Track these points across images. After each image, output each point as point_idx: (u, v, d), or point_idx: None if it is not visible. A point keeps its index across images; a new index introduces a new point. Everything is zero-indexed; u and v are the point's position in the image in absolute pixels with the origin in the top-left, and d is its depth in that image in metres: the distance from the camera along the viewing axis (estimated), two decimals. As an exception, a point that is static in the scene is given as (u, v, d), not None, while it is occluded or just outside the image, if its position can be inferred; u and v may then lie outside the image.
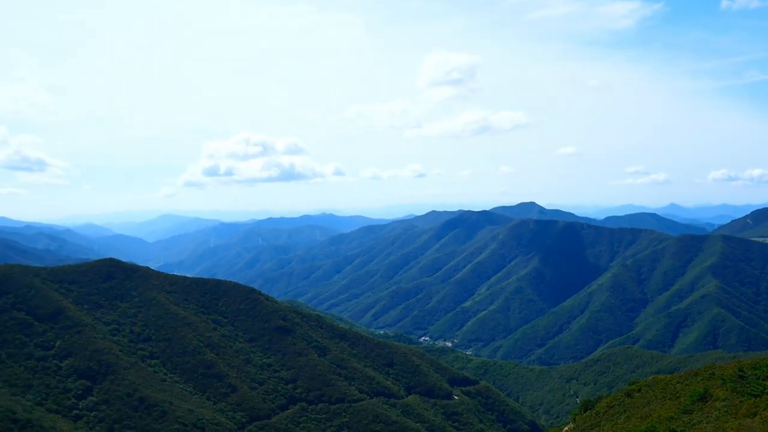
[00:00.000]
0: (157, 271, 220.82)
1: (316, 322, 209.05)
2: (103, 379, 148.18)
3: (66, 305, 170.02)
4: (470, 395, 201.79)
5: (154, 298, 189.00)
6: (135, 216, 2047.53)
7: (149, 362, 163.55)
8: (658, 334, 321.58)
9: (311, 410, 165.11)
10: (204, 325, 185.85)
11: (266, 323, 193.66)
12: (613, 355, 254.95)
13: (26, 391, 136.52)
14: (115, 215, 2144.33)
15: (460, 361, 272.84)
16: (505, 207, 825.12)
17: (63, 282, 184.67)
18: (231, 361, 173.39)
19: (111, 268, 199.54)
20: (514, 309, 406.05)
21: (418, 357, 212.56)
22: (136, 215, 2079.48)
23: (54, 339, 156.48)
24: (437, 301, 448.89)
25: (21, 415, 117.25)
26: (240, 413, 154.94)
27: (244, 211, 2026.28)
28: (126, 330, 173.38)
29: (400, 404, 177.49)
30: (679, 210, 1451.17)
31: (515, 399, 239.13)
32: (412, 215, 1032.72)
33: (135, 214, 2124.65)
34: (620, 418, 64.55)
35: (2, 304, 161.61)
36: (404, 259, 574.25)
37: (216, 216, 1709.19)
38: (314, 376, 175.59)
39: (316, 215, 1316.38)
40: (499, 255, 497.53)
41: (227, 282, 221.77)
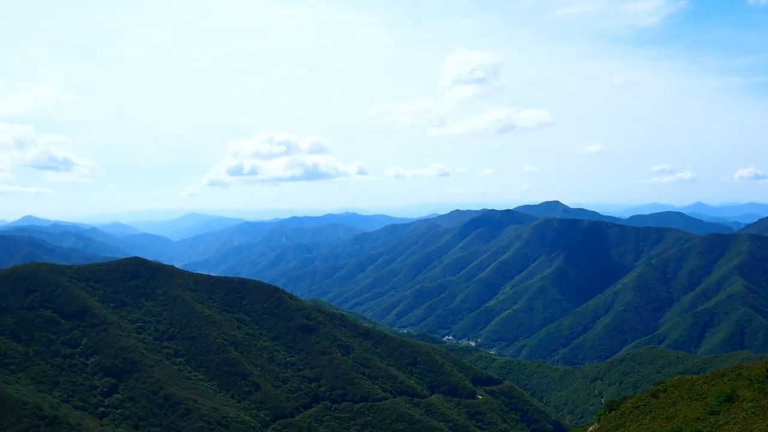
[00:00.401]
0: (182, 270, 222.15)
1: (339, 321, 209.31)
2: (129, 376, 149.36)
3: (92, 303, 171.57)
4: (494, 395, 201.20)
5: (179, 296, 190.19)
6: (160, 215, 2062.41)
7: (174, 360, 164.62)
8: (684, 334, 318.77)
9: (335, 409, 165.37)
10: (228, 323, 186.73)
11: (290, 322, 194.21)
12: (638, 355, 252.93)
13: (53, 388, 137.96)
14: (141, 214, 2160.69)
15: (483, 361, 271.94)
16: (528, 206, 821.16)
17: (89, 280, 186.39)
18: (255, 359, 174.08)
19: (136, 266, 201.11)
20: (538, 308, 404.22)
21: (441, 356, 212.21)
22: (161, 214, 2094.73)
23: (80, 337, 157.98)
24: (461, 300, 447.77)
25: (48, 412, 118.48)
26: (264, 411, 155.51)
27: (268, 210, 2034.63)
28: (151, 328, 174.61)
29: (424, 403, 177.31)
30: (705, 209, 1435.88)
31: (539, 399, 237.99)
32: (435, 214, 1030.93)
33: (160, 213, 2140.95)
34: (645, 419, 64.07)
35: (30, 302, 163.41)
36: (428, 258, 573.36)
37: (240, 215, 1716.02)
38: (338, 374, 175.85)
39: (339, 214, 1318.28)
40: (523, 254, 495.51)
41: (251, 281, 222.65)
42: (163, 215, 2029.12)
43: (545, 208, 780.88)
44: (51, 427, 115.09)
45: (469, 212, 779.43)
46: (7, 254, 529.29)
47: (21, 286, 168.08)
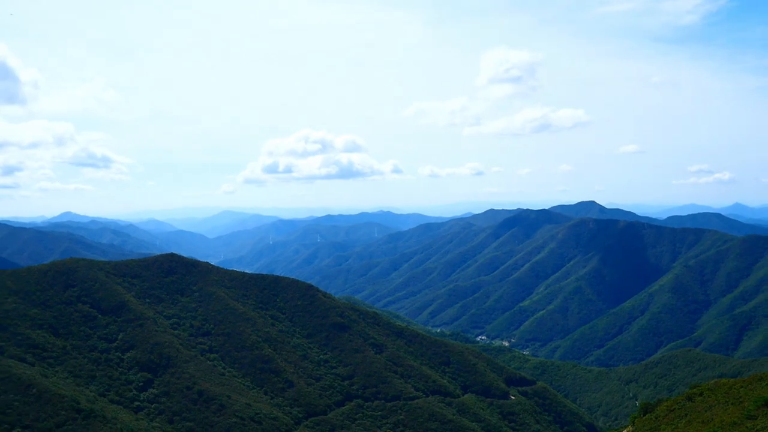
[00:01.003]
0: (217, 267, 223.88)
1: (372, 320, 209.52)
2: (164, 371, 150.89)
3: (129, 299, 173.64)
4: (527, 395, 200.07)
5: (214, 293, 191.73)
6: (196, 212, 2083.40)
7: (208, 356, 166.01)
8: (722, 337, 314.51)
9: (367, 407, 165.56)
10: (262, 320, 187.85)
11: (323, 320, 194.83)
12: (674, 358, 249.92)
13: (90, 382, 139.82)
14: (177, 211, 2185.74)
15: (517, 361, 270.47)
16: (564, 206, 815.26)
17: (126, 276, 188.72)
18: (288, 356, 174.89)
19: (172, 263, 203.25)
20: (572, 309, 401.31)
21: (474, 356, 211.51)
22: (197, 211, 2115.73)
23: (117, 332, 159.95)
24: (495, 300, 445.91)
25: (84, 405, 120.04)
26: (296, 408, 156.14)
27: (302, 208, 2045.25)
28: (186, 324, 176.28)
29: (456, 403, 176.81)
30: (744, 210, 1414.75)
31: (573, 400, 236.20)
32: (470, 213, 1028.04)
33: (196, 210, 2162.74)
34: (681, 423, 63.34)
35: (68, 296, 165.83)
36: (462, 258, 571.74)
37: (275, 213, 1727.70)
38: (370, 373, 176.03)
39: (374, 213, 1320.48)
40: (558, 254, 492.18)
41: (285, 278, 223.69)
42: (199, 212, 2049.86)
43: (581, 208, 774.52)
44: (87, 420, 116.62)
45: (504, 212, 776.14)
46: (47, 250, 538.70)
47: (60, 281, 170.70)
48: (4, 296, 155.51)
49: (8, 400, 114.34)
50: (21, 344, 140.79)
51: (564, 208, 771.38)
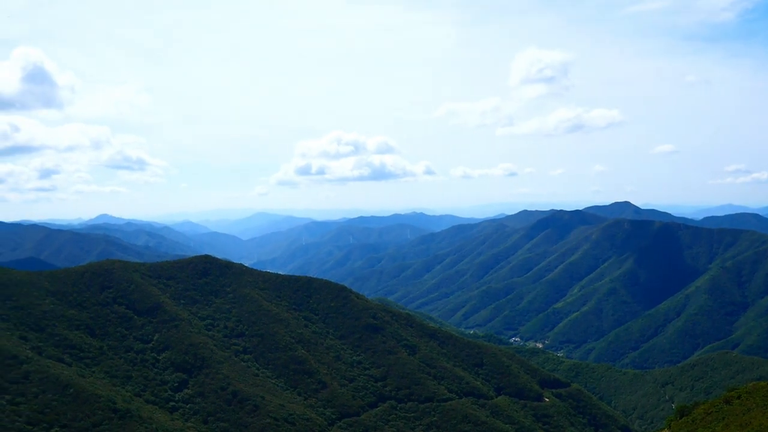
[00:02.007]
0: (251, 268, 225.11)
1: (405, 321, 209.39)
2: (199, 372, 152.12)
3: (164, 300, 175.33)
4: (561, 398, 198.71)
5: (248, 294, 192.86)
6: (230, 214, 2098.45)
7: (242, 357, 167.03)
8: (760, 339, 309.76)
9: (400, 408, 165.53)
10: (296, 321, 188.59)
11: (356, 321, 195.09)
12: (710, 360, 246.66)
13: (126, 382, 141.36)
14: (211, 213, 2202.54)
15: (550, 363, 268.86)
16: (598, 206, 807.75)
17: (161, 277, 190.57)
18: (321, 357, 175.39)
19: (206, 264, 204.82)
20: (607, 311, 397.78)
21: (508, 357, 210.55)
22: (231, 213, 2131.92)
23: (152, 333, 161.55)
24: (528, 301, 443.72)
25: (121, 405, 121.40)
26: (330, 410, 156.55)
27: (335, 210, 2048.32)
28: (220, 325, 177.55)
29: (490, 405, 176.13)
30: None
31: (608, 403, 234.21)
32: (503, 214, 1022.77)
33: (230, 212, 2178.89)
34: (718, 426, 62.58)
35: (104, 298, 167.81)
36: (495, 259, 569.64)
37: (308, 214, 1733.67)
38: (403, 374, 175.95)
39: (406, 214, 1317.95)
40: (592, 255, 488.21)
41: (318, 279, 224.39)
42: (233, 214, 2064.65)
43: (615, 209, 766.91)
44: (123, 420, 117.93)
45: (537, 213, 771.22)
46: (84, 251, 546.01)
47: (96, 283, 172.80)
48: (42, 297, 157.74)
49: (47, 399, 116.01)
50: (59, 345, 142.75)
51: (598, 209, 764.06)
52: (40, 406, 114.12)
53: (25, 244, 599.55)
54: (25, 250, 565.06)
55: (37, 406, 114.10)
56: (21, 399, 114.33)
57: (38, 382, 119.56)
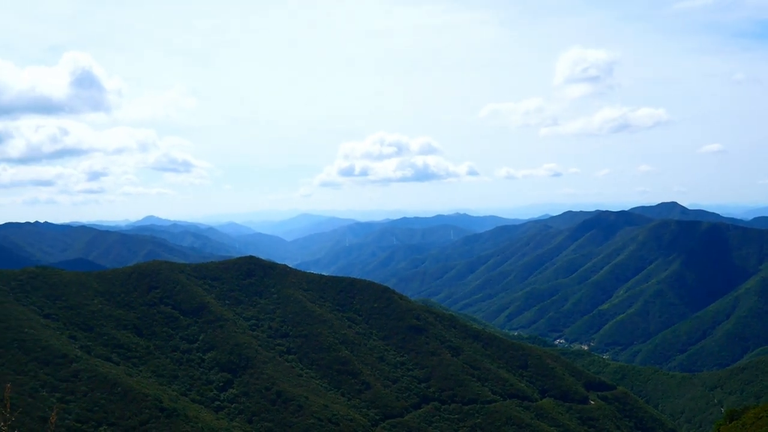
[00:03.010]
0: (295, 269, 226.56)
1: (449, 322, 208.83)
2: (243, 372, 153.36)
3: (209, 300, 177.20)
4: (607, 400, 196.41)
5: (292, 295, 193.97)
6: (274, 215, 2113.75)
7: (286, 357, 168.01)
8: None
9: (444, 410, 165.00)
10: (339, 322, 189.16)
11: (400, 322, 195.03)
12: (761, 364, 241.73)
13: (172, 381, 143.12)
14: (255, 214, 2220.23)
15: (596, 365, 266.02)
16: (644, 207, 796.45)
17: (206, 278, 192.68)
18: (365, 358, 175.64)
19: (251, 265, 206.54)
20: (653, 313, 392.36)
21: (552, 360, 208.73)
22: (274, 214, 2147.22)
23: (198, 333, 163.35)
24: (573, 303, 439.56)
25: (167, 404, 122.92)
26: (373, 410, 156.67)
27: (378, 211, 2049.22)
28: (265, 325, 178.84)
29: (534, 407, 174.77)
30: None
31: (654, 406, 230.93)
32: (547, 215, 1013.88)
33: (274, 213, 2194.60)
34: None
35: (151, 298, 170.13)
36: (539, 260, 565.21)
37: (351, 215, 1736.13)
38: (447, 375, 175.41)
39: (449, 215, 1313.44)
40: (638, 257, 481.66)
41: (362, 280, 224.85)
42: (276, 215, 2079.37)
43: (662, 210, 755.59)
44: (170, 419, 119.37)
45: (582, 213, 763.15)
46: (131, 252, 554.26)
47: (143, 283, 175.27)
48: (91, 297, 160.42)
49: (95, 398, 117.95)
50: (107, 344, 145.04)
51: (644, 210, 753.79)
52: (89, 405, 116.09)
53: (74, 245, 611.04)
54: (75, 251, 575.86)
55: (86, 404, 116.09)
56: (71, 397, 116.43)
57: (87, 380, 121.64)
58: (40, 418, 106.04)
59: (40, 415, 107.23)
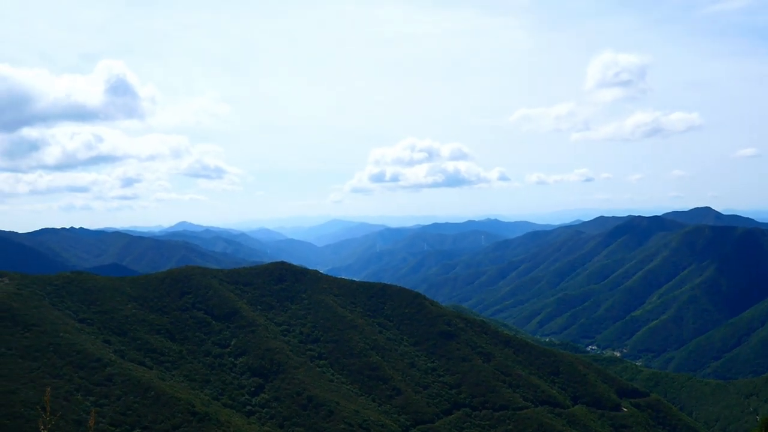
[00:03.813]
0: (326, 275, 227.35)
1: (480, 328, 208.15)
2: (275, 377, 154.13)
3: (241, 306, 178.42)
4: (640, 408, 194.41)
5: (323, 300, 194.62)
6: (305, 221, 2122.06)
7: (317, 363, 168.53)
8: None
9: (475, 416, 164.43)
10: (370, 328, 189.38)
11: (431, 328, 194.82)
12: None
13: (204, 385, 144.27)
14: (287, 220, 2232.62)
15: (628, 372, 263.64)
16: (677, 212, 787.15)
17: (238, 283, 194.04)
18: (396, 364, 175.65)
19: (282, 271, 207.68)
20: (687, 319, 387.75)
21: (584, 366, 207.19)
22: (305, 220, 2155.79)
23: (230, 337, 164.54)
24: (605, 309, 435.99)
25: (199, 408, 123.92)
26: (404, 416, 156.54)
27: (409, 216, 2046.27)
28: (296, 331, 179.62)
29: (566, 414, 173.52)
30: None
31: (688, 414, 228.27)
32: (579, 221, 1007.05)
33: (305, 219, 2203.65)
34: (805, 439, 60.50)
35: (184, 303, 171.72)
36: (571, 266, 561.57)
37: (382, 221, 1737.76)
38: (478, 381, 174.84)
39: (480, 220, 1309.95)
40: (672, 262, 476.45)
41: (393, 286, 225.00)
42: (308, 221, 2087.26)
43: (695, 215, 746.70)
44: (202, 423, 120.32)
45: (615, 219, 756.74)
46: (164, 258, 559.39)
47: (176, 288, 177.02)
48: (124, 302, 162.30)
49: (129, 401, 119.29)
50: (140, 348, 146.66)
51: (677, 215, 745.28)
52: (123, 408, 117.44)
53: (108, 250, 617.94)
54: (109, 257, 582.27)
55: (120, 407, 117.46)
56: (105, 401, 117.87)
57: (121, 384, 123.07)
58: (74, 421, 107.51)
59: (75, 418, 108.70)
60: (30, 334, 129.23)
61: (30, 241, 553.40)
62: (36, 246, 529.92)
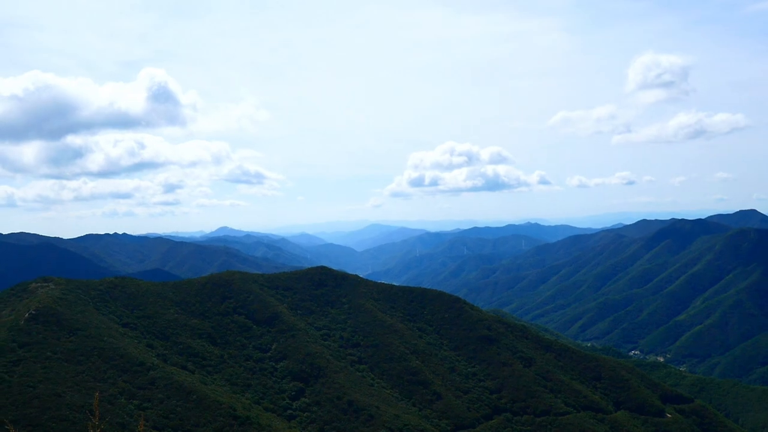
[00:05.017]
0: (366, 279, 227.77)
1: (521, 333, 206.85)
2: (315, 381, 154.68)
3: (281, 310, 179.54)
4: (684, 414, 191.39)
5: (363, 305, 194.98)
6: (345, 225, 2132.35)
7: (357, 367, 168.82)
8: None
9: (516, 421, 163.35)
10: (410, 332, 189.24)
11: (471, 332, 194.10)
12: None
13: (245, 389, 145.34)
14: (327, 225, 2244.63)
15: (672, 378, 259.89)
16: (722, 215, 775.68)
17: (279, 288, 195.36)
18: (436, 368, 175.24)
19: (322, 275, 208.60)
20: (732, 324, 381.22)
21: (627, 371, 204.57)
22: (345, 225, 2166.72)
23: (270, 342, 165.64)
24: (648, 313, 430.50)
25: (241, 412, 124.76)
26: (444, 421, 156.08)
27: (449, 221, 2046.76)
28: (336, 335, 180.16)
29: (609, 420, 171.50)
30: None
31: (734, 421, 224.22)
32: (620, 224, 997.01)
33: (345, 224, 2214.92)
34: None
35: (225, 308, 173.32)
36: (612, 270, 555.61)
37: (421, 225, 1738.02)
38: (519, 386, 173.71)
39: (520, 224, 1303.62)
40: (716, 266, 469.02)
41: (433, 290, 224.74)
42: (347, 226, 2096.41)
43: (740, 218, 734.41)
44: (243, 426, 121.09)
45: (657, 222, 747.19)
46: (205, 263, 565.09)
47: (217, 293, 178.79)
48: (167, 307, 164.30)
49: (171, 405, 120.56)
50: (182, 353, 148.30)
51: (722, 218, 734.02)
52: (165, 412, 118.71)
53: (151, 255, 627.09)
54: (152, 262, 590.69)
55: (163, 411, 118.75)
56: (148, 404, 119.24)
57: (164, 388, 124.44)
58: (119, 424, 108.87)
59: (119, 421, 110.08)
60: (75, 339, 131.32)
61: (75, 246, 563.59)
62: (80, 252, 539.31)
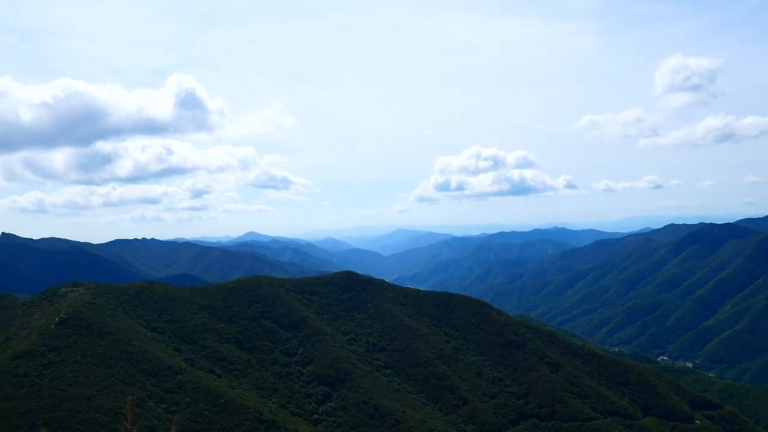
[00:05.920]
0: (392, 284, 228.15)
1: (548, 338, 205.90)
2: (341, 386, 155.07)
3: (308, 315, 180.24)
4: (713, 420, 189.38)
5: (389, 309, 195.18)
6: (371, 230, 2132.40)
7: (384, 372, 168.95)
8: None
9: (542, 427, 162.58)
10: (436, 337, 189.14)
11: (497, 337, 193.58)
12: None
13: (272, 394, 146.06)
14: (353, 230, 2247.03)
15: (701, 383, 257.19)
16: (751, 219, 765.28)
17: (305, 293, 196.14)
18: (462, 373, 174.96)
19: (349, 280, 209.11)
20: (762, 329, 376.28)
21: (655, 377, 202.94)
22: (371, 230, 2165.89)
23: (297, 346, 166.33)
24: (676, 318, 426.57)
25: (267, 417, 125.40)
26: (471, 426, 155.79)
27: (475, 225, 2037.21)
28: (362, 340, 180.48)
29: (636, 426, 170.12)
30: None
31: (765, 428, 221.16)
32: (648, 228, 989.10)
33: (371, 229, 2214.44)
34: None
35: (252, 312, 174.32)
36: (640, 275, 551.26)
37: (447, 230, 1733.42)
38: (546, 392, 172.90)
39: (547, 229, 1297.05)
40: (745, 271, 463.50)
41: (459, 295, 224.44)
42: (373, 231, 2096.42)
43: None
44: (270, 430, 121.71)
45: (685, 226, 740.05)
46: (232, 268, 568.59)
47: (244, 298, 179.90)
48: (194, 311, 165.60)
49: (198, 409, 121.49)
50: (210, 357, 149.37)
51: (751, 222, 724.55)
52: (193, 415, 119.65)
53: (179, 260, 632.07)
54: (179, 267, 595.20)
55: (190, 415, 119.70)
56: (175, 408, 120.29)
57: (191, 392, 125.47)
58: (147, 428, 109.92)
59: (147, 425, 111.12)
60: (104, 342, 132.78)
61: (104, 251, 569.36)
62: (109, 256, 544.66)
